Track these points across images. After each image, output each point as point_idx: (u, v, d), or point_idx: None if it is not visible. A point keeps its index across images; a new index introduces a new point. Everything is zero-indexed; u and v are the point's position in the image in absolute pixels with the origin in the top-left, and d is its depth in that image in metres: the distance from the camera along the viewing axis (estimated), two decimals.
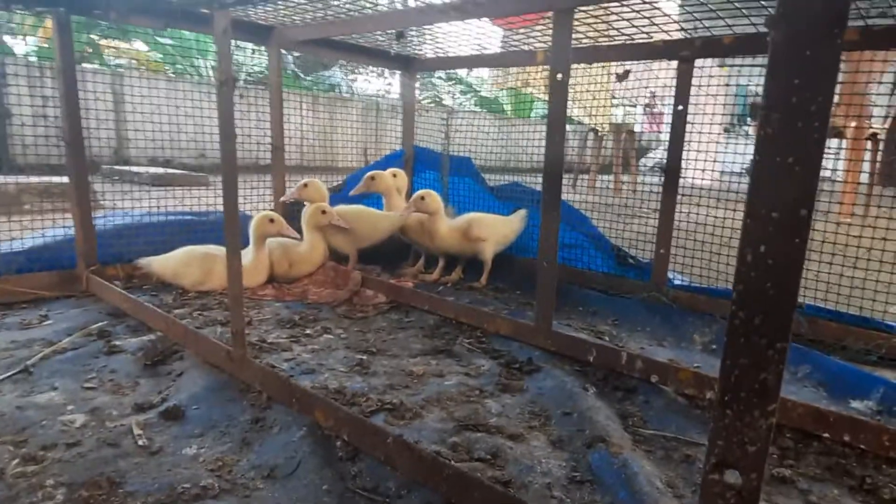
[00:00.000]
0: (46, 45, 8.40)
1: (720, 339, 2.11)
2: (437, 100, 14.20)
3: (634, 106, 7.97)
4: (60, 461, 1.18)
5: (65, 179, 2.36)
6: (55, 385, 1.52)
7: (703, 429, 1.48)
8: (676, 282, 2.51)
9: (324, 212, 2.62)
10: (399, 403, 1.49)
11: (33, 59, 7.27)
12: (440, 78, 14.53)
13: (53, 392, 1.48)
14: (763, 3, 1.95)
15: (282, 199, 2.83)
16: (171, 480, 1.13)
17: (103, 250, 2.43)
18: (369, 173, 2.90)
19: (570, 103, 1.81)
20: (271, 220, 2.45)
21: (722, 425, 0.73)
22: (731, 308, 0.72)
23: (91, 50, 8.74)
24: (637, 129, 8.25)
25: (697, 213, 2.48)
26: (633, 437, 1.41)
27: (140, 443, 1.26)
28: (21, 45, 8.69)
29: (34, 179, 3.99)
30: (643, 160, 9.35)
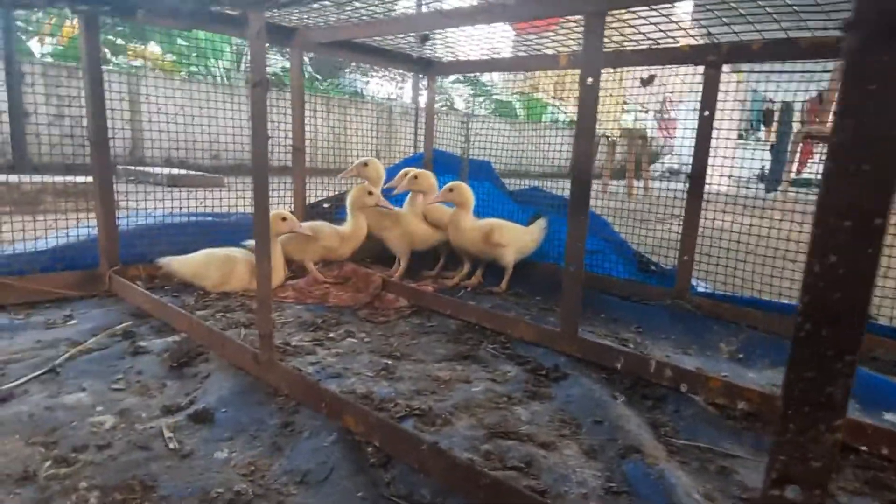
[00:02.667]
0: (62, 47, 8.48)
1: (746, 348, 2.09)
2: (449, 103, 14.20)
3: (646, 111, 7.94)
4: (92, 463, 1.17)
5: (82, 179, 2.36)
6: (83, 386, 1.51)
7: (735, 440, 1.45)
8: (700, 289, 2.48)
9: (370, 192, 2.66)
10: (428, 409, 1.48)
11: (50, 59, 7.33)
12: (459, 81, 14.53)
13: (82, 393, 1.48)
14: (795, 7, 1.93)
15: (340, 175, 2.81)
16: (204, 484, 1.12)
17: (126, 250, 2.43)
18: (412, 172, 2.85)
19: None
20: (283, 219, 2.44)
21: (784, 440, 0.71)
22: (796, 319, 0.70)
23: (108, 52, 8.82)
24: (649, 134, 8.22)
25: (723, 221, 2.46)
26: (667, 448, 1.38)
27: (171, 446, 1.26)
28: (40, 46, 8.78)
29: (53, 179, 4.01)
30: (655, 165, 9.31)
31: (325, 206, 3.14)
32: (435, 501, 1.13)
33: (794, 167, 8.50)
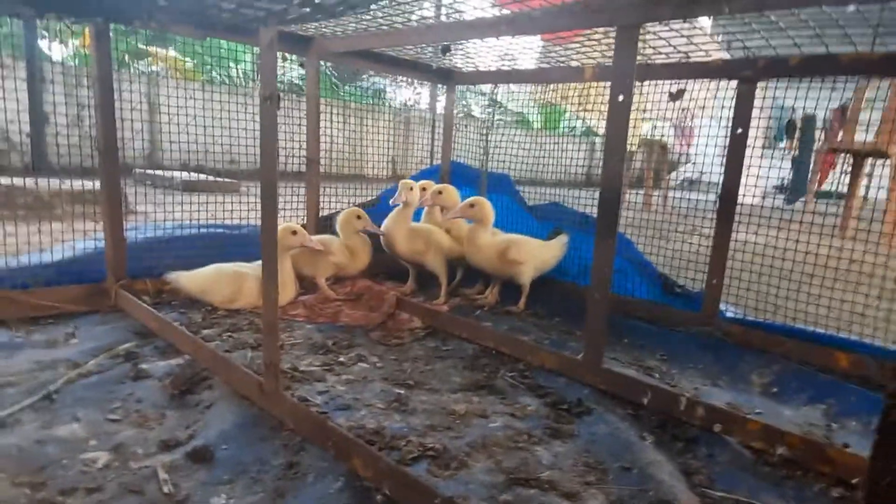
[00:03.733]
0: (83, 49, 8.53)
1: (781, 381, 1.97)
2: (466, 110, 14.14)
3: (666, 121, 7.79)
4: None
5: (98, 184, 2.29)
6: (77, 416, 1.43)
7: (776, 491, 1.34)
8: (728, 314, 2.36)
9: (358, 217, 2.65)
10: (442, 449, 1.38)
11: (71, 63, 7.36)
12: (478, 92, 14.47)
13: (76, 424, 1.39)
14: (841, 22, 1.81)
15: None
16: None
17: (133, 263, 2.36)
18: (436, 187, 2.79)
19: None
20: (294, 232, 2.36)
21: None
22: (884, 404, 0.59)
23: (128, 57, 8.86)
24: (668, 143, 8.07)
25: (746, 234, 2.33)
26: (703, 500, 1.27)
27: (165, 489, 1.17)
28: (60, 50, 8.84)
29: (67, 185, 3.97)
30: (673, 174, 9.15)
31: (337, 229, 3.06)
32: None
33: (817, 179, 8.30)
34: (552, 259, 2.68)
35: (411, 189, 2.64)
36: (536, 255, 2.61)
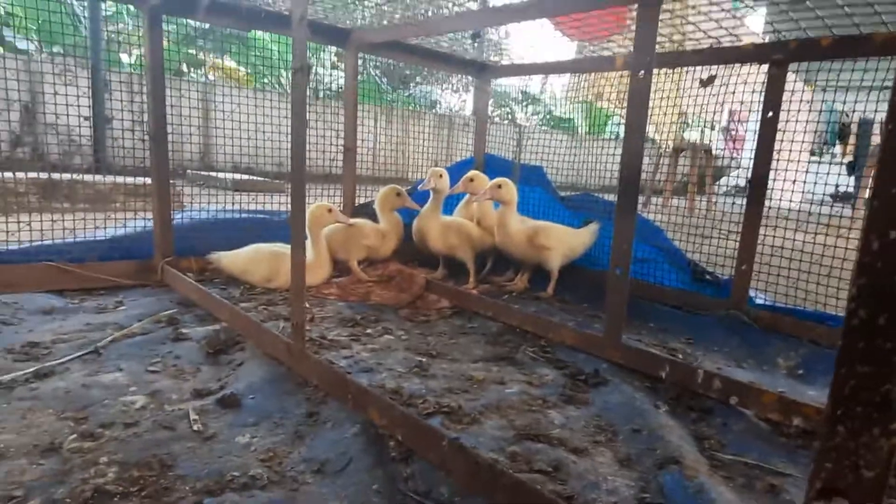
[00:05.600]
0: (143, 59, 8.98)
1: (807, 363, 1.94)
2: (510, 115, 14.18)
3: (713, 128, 7.64)
4: (116, 440, 1.18)
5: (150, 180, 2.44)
6: (121, 367, 1.55)
7: (789, 458, 1.33)
8: (758, 301, 2.33)
9: (398, 194, 2.73)
10: (457, 407, 1.43)
11: (136, 70, 7.75)
12: (515, 98, 14.53)
13: (118, 373, 1.51)
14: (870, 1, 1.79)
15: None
16: (221, 467, 1.11)
17: (179, 243, 2.50)
18: (468, 175, 2.82)
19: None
20: (329, 210, 2.45)
21: (831, 445, 0.62)
22: (848, 306, 0.61)
23: (186, 66, 9.27)
24: (714, 149, 7.90)
25: (783, 238, 2.29)
26: (710, 461, 1.28)
27: (195, 427, 1.26)
28: (127, 57, 9.33)
29: (127, 180, 4.21)
30: (720, 180, 8.94)
31: (375, 206, 3.15)
32: (453, 500, 1.07)
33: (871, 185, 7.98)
34: (581, 246, 2.70)
35: (440, 176, 2.71)
36: (565, 241, 2.63)
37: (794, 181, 2.49)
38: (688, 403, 1.57)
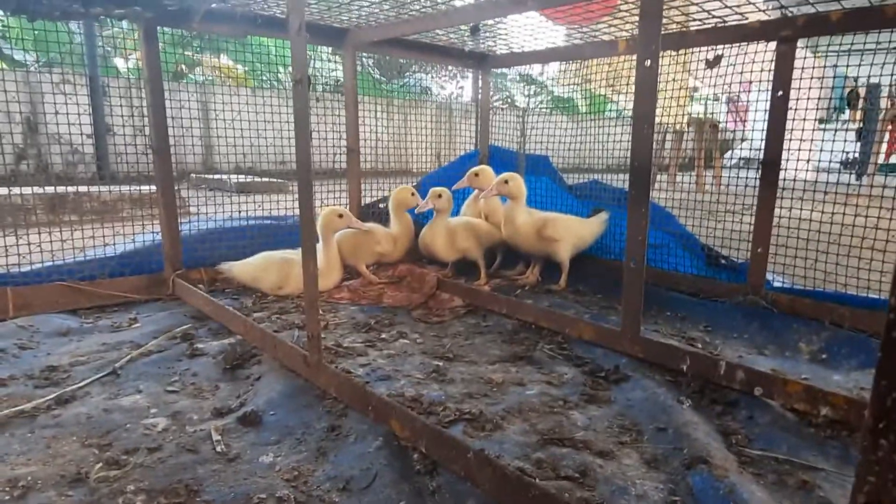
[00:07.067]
0: (139, 63, 8.96)
1: (830, 347, 1.92)
2: (510, 100, 14.07)
3: (717, 99, 7.54)
4: (142, 466, 1.18)
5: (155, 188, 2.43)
6: (140, 388, 1.55)
7: (819, 450, 1.31)
8: (776, 284, 2.30)
9: (412, 193, 2.72)
10: (478, 413, 1.42)
11: (132, 76, 7.74)
12: (513, 79, 14.40)
13: (138, 395, 1.51)
14: None
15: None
16: (248, 490, 1.11)
17: (188, 255, 2.50)
18: (474, 169, 2.79)
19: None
20: (340, 215, 2.44)
21: (874, 458, 0.60)
22: (888, 316, 0.59)
23: (184, 67, 9.23)
24: (720, 122, 7.81)
25: (801, 209, 2.26)
26: (739, 458, 1.27)
27: (218, 449, 1.25)
28: (124, 63, 9.30)
29: (130, 189, 4.22)
30: (728, 154, 8.85)
31: (381, 205, 3.13)
32: None
33: (883, 151, 7.86)
34: (590, 236, 2.67)
35: (440, 196, 2.64)
36: (573, 231, 2.61)
37: (807, 152, 2.44)
38: (711, 396, 1.55)
